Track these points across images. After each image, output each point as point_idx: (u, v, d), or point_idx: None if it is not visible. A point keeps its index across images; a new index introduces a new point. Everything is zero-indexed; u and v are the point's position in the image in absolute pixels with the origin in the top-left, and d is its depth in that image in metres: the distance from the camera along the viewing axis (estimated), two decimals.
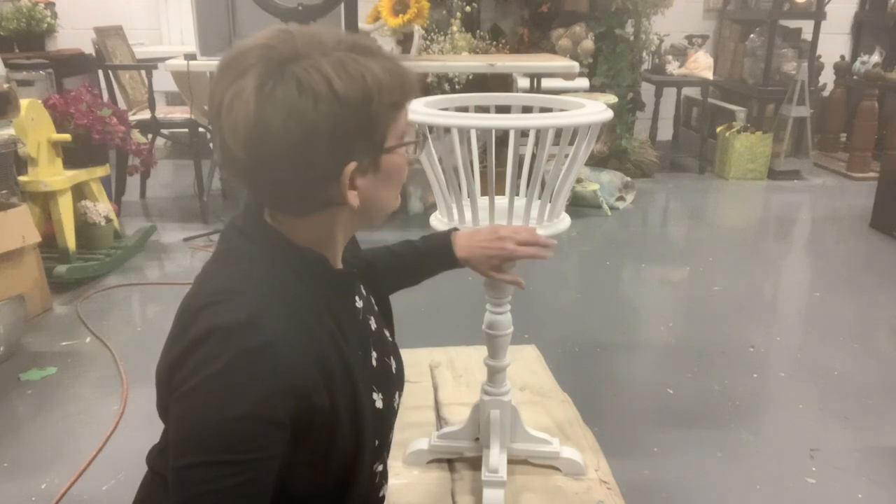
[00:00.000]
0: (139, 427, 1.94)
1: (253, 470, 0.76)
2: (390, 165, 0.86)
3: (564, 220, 1.50)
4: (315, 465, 0.85)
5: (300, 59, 0.77)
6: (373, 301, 1.06)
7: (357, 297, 0.97)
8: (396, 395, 1.01)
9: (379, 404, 0.93)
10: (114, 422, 1.95)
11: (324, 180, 0.81)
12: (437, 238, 1.27)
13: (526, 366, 2.24)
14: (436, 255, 1.24)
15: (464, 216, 1.45)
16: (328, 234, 0.88)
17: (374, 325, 1.01)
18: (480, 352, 1.63)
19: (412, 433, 1.85)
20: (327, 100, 0.76)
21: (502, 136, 1.47)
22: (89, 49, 4.07)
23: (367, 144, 0.82)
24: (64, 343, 2.42)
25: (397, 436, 1.82)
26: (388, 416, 0.97)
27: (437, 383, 2.14)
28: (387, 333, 1.06)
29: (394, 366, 1.02)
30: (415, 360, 2.25)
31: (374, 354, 0.97)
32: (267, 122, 0.75)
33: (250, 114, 0.76)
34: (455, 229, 1.29)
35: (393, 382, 1.00)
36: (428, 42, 4.10)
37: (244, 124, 0.76)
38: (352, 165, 0.81)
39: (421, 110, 1.38)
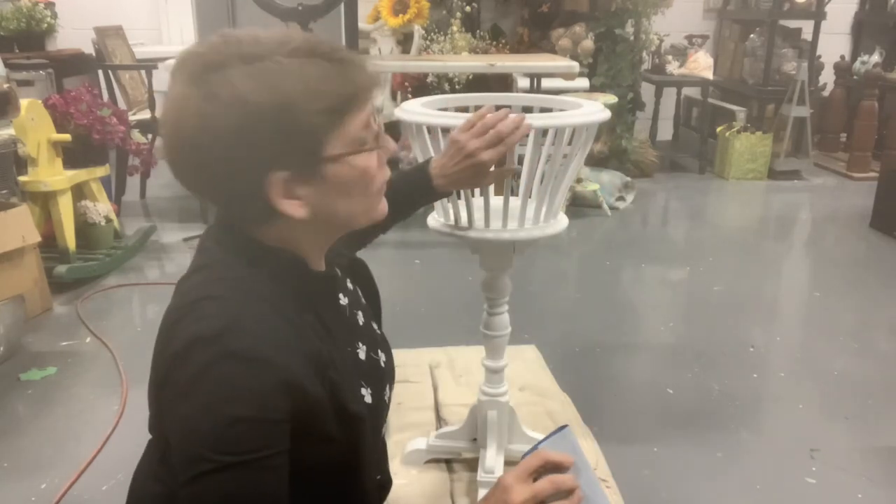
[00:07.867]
0: (139, 427, 1.91)
1: (264, 468, 0.75)
2: (340, 174, 0.82)
3: (562, 221, 1.50)
4: (319, 469, 0.85)
5: (220, 69, 0.76)
6: (360, 294, 1.05)
7: (341, 295, 0.97)
8: (387, 389, 1.01)
9: (368, 399, 0.92)
10: (114, 422, 1.95)
11: (251, 189, 0.79)
12: (414, 174, 1.23)
13: (526, 366, 2.24)
14: (416, 191, 1.21)
15: (460, 216, 1.45)
16: (293, 243, 0.86)
17: (361, 320, 1.00)
18: (481, 352, 1.63)
19: (412, 433, 1.85)
20: (235, 107, 0.75)
21: None
22: (89, 49, 4.07)
23: (297, 152, 0.79)
24: (64, 343, 2.42)
25: (397, 436, 1.84)
26: (379, 410, 0.97)
27: (437, 383, 2.14)
28: (375, 327, 1.05)
29: (383, 359, 1.01)
30: (415, 360, 2.25)
31: (363, 349, 0.96)
32: (183, 130, 0.78)
33: (170, 121, 0.79)
34: (428, 160, 1.24)
35: (383, 376, 0.99)
36: (428, 42, 4.10)
37: (168, 130, 0.80)
38: (280, 175, 0.79)
39: (419, 110, 1.38)
